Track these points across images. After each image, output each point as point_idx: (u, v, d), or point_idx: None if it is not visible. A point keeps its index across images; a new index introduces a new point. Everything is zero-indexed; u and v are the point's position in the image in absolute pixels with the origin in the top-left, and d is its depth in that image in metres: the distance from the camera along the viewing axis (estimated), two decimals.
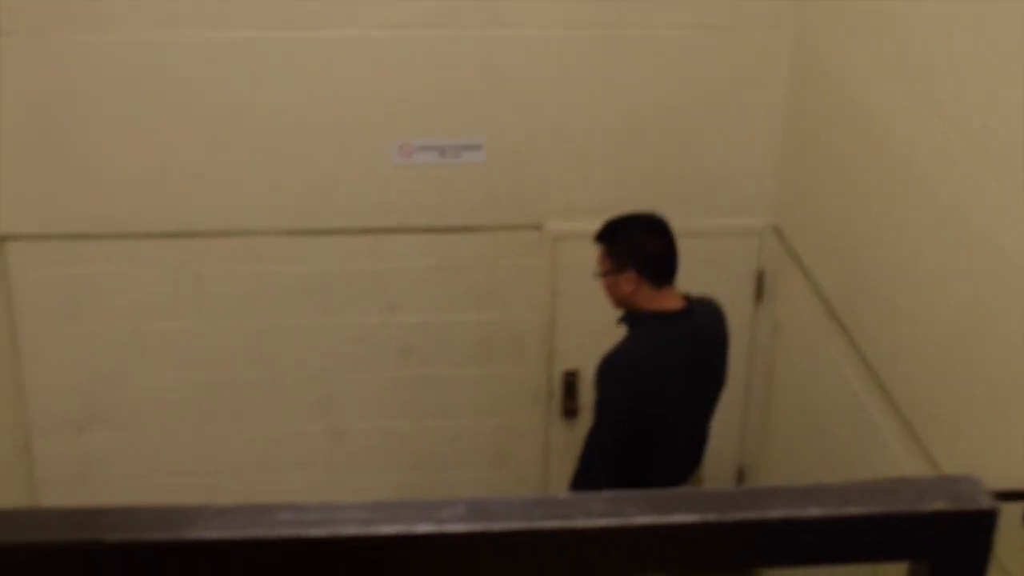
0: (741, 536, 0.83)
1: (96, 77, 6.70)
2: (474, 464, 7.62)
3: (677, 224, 7.11)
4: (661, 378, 5.69)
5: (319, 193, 6.98)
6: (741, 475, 7.79)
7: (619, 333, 7.03)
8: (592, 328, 7.35)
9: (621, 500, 0.81)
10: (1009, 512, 4.50)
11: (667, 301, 5.83)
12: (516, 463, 7.66)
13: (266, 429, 7.49)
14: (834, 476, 6.53)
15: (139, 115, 6.78)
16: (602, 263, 5.83)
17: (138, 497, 7.60)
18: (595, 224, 7.08)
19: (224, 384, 7.36)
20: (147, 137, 6.83)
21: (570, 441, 7.61)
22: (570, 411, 7.51)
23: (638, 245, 5.76)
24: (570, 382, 7.48)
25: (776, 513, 0.83)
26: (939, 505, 0.87)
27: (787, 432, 7.24)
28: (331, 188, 6.97)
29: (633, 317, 5.85)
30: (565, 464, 7.65)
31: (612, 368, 5.66)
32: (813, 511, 0.84)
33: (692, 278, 7.21)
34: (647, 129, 6.98)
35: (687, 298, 5.94)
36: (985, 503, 0.93)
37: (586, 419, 7.43)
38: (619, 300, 5.86)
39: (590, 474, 5.62)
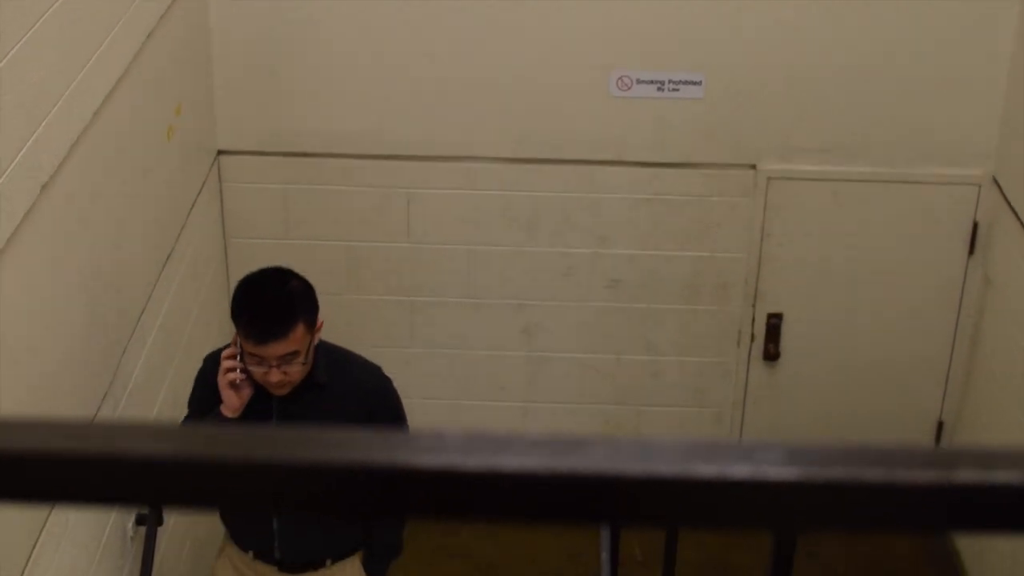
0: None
1: None
2: (672, 402, 7.59)
3: (893, 171, 6.98)
4: None
5: (535, 122, 6.97)
6: (940, 430, 7.66)
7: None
8: (799, 272, 7.26)
9: (950, 454, 0.77)
10: None
11: None
12: (715, 403, 7.61)
13: (468, 353, 7.53)
14: None
15: (359, 37, 6.83)
16: (301, 342, 4.81)
17: None
18: (811, 166, 6.98)
19: (429, 306, 7.41)
20: (366, 59, 6.88)
21: (771, 384, 7.54)
22: (772, 354, 7.43)
23: (312, 293, 4.97)
24: (774, 325, 7.39)
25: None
26: None
27: (991, 389, 7.08)
28: (547, 117, 6.96)
29: (331, 352, 5.17)
30: (763, 407, 7.59)
31: (390, 381, 5.29)
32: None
33: (904, 228, 7.08)
34: (868, 72, 6.84)
35: None
36: None
37: (787, 362, 7.36)
38: (312, 355, 4.96)
39: None
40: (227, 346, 4.94)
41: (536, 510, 0.74)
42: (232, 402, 4.86)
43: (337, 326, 7.43)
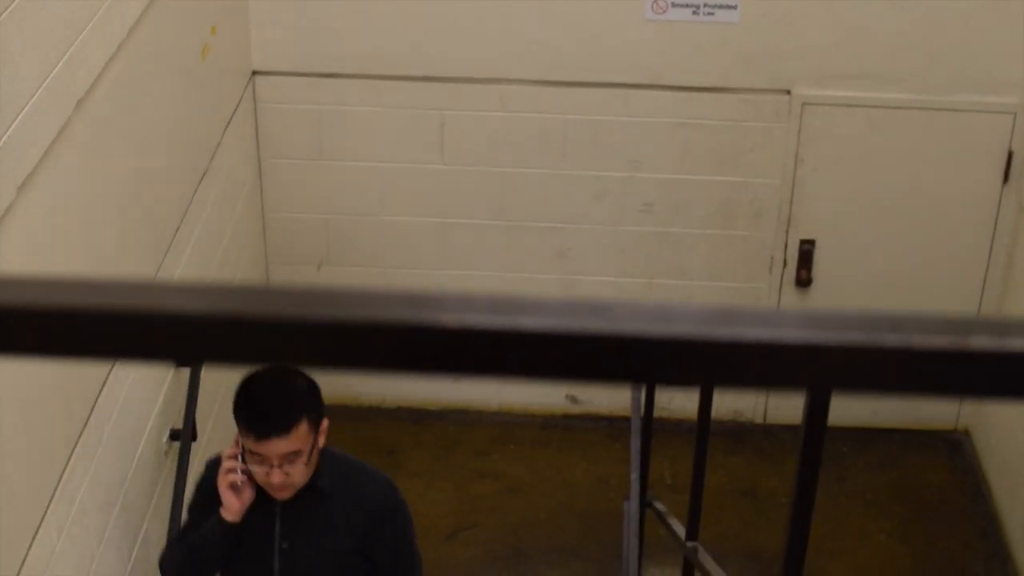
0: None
1: None
2: None
3: (929, 98, 6.94)
4: None
5: (570, 45, 6.96)
6: None
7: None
8: (832, 198, 7.25)
9: (965, 322, 0.78)
10: None
11: None
12: None
13: (500, 276, 7.55)
14: None
15: None
16: (305, 441, 4.40)
17: None
18: (847, 92, 6.95)
19: (462, 229, 7.43)
20: None
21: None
22: (804, 280, 7.43)
23: (317, 392, 4.51)
24: (806, 251, 7.39)
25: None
26: None
27: None
28: (582, 40, 6.94)
29: (338, 460, 4.67)
30: None
31: (398, 492, 4.77)
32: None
33: (939, 155, 7.05)
34: None
35: None
36: None
37: (819, 289, 7.36)
38: (316, 458, 4.53)
39: None
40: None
41: (555, 369, 0.76)
42: (233, 505, 4.50)
43: (369, 248, 7.47)
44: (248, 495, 4.49)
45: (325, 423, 4.48)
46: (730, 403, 7.78)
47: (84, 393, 4.66)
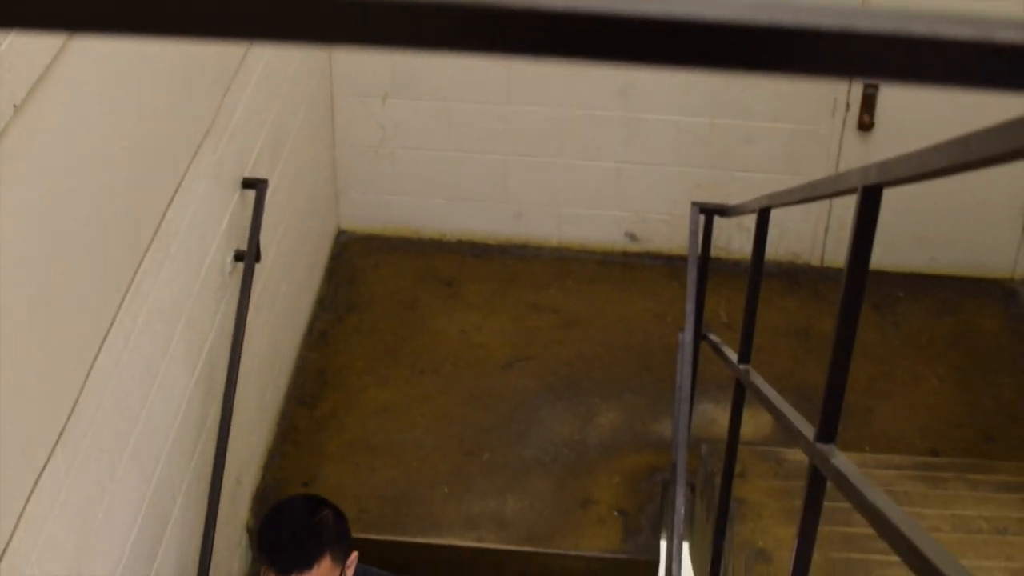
0: None
1: None
2: (765, 168, 7.62)
3: None
4: None
5: None
6: None
7: None
8: None
9: (992, 19, 0.83)
10: None
11: None
12: (807, 171, 7.61)
13: (562, 112, 7.58)
14: None
15: None
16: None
17: (431, 168, 7.82)
18: None
19: (525, 64, 7.43)
20: None
21: (862, 154, 7.55)
22: (866, 124, 7.43)
23: (344, 524, 4.40)
24: (870, 95, 7.38)
25: None
26: None
27: None
28: None
29: None
30: None
31: None
32: None
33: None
34: None
35: None
36: None
37: (881, 134, 7.35)
38: None
39: None
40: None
41: (604, 49, 0.82)
42: None
43: (433, 81, 7.51)
44: None
45: (354, 556, 4.35)
46: (788, 245, 7.82)
47: (152, 207, 4.75)
